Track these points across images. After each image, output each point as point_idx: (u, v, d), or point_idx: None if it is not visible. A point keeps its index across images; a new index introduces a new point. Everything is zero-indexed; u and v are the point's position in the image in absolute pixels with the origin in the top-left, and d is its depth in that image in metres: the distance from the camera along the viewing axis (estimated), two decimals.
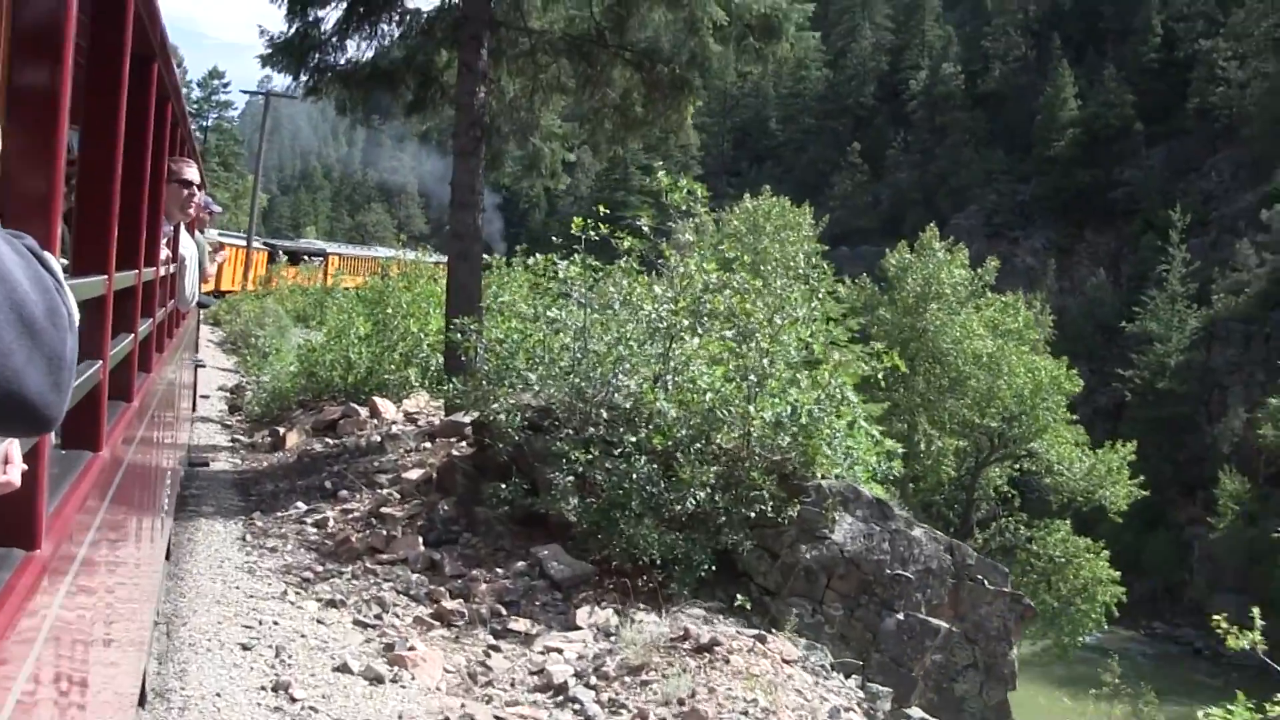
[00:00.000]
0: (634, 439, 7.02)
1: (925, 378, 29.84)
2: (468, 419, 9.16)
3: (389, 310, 13.42)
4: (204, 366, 14.47)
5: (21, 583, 1.45)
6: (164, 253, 4.06)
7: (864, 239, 68.06)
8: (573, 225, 8.37)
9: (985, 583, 7.31)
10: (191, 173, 4.73)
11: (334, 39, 12.08)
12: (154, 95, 2.84)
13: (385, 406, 11.72)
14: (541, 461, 7.41)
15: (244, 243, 40.27)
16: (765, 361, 7.33)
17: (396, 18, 11.95)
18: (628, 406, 7.51)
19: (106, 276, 2.29)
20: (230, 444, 12.43)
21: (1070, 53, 75.99)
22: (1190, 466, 45.98)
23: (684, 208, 9.23)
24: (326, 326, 15.59)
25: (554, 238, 10.17)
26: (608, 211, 9.05)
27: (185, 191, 4.63)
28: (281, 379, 14.41)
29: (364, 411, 11.68)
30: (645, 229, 8.59)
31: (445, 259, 18.23)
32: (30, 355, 0.86)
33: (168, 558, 6.46)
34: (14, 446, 1.34)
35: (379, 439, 10.50)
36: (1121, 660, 22.11)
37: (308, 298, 28.32)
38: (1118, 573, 29.44)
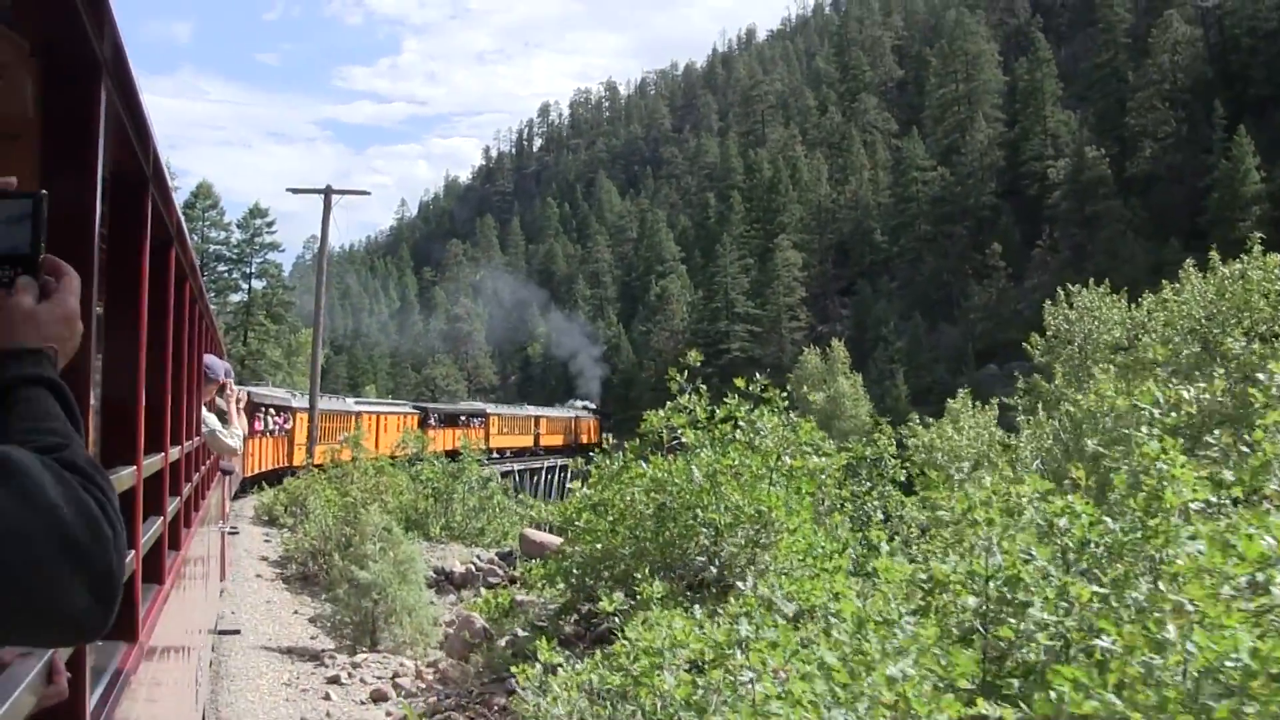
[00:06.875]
0: None
1: None
2: None
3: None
4: (236, 533, 14.20)
5: None
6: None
7: (1011, 354, 66.84)
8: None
9: None
10: (221, 373, 6.24)
11: None
12: (173, 275, 3.30)
13: None
14: None
15: (303, 405, 33.00)
16: None
17: None
18: None
19: (135, 467, 2.55)
20: None
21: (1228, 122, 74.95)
22: None
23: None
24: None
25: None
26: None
27: (213, 386, 6.14)
28: None
29: None
30: None
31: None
32: (74, 576, 1.03)
33: None
34: (58, 656, 1.53)
35: None
36: None
37: (423, 486, 21.60)
38: None
